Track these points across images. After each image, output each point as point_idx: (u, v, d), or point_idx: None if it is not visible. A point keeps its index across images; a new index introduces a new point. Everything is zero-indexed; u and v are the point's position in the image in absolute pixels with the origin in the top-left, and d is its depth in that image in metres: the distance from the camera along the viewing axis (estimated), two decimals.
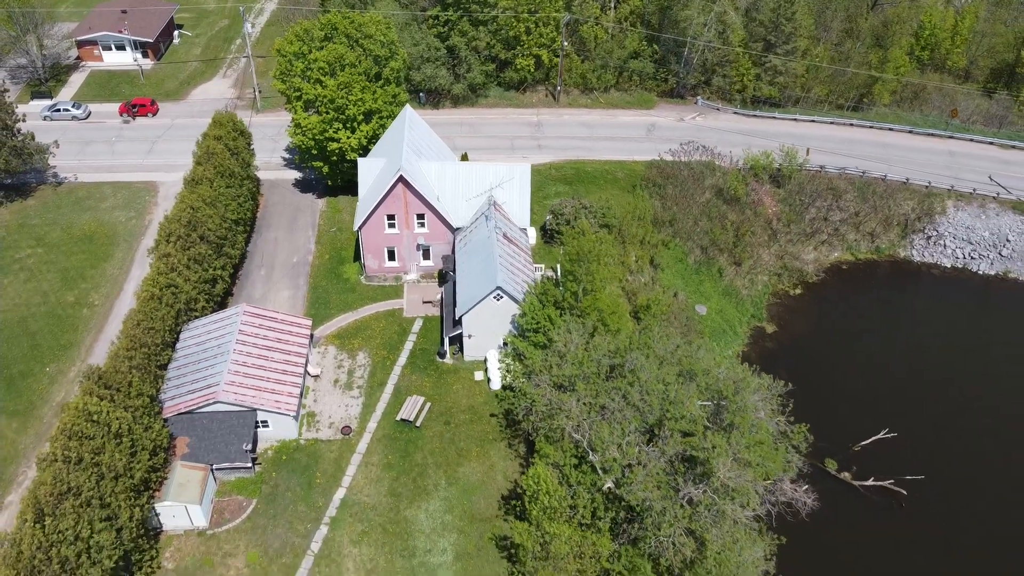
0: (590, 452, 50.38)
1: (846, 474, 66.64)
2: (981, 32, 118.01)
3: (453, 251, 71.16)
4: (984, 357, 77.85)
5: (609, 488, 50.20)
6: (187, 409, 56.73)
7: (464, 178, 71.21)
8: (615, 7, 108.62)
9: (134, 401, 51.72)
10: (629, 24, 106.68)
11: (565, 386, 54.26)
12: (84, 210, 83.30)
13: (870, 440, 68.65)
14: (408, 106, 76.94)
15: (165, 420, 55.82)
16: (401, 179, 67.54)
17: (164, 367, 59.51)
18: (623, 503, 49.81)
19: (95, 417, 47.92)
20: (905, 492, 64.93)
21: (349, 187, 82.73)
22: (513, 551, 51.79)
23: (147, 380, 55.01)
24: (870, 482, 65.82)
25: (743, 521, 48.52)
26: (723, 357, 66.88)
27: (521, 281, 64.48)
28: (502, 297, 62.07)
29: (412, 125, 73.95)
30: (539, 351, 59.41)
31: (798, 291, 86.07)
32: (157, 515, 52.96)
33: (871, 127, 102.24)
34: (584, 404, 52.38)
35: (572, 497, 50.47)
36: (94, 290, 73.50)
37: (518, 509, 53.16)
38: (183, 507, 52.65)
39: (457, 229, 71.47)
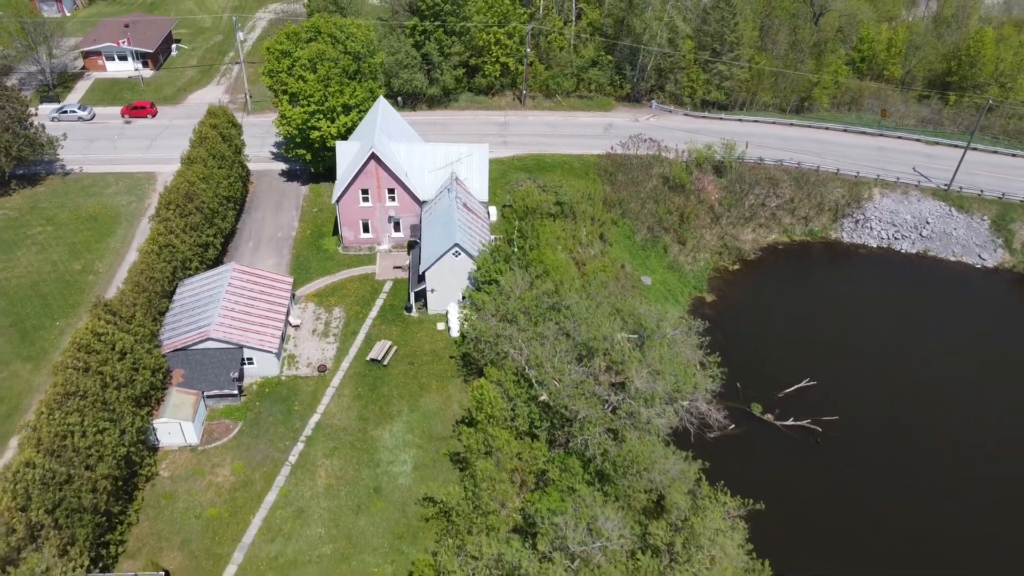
0: (527, 368, 58.79)
1: (769, 416, 74.76)
2: (915, 45, 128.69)
3: (420, 222, 79.99)
4: (901, 322, 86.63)
5: (544, 401, 58.49)
6: (182, 346, 65.01)
7: (430, 156, 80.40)
8: (576, 20, 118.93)
9: (137, 330, 60.01)
10: (588, 35, 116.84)
11: (509, 319, 62.81)
12: (89, 195, 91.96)
13: (793, 388, 76.88)
14: (382, 97, 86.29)
15: (163, 356, 63.98)
16: (373, 156, 76.61)
17: (162, 313, 67.88)
18: (556, 414, 58.05)
19: (102, 337, 56.14)
20: (820, 429, 73.09)
21: (329, 174, 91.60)
22: (463, 459, 59.87)
23: (148, 318, 63.47)
24: (790, 422, 73.99)
25: (657, 424, 56.79)
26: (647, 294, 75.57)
27: (478, 242, 73.29)
28: (460, 254, 70.83)
29: (384, 113, 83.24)
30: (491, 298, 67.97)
31: (737, 267, 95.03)
32: (155, 432, 60.94)
33: (808, 126, 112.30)
34: (524, 332, 60.86)
35: (512, 410, 58.73)
36: (99, 260, 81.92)
37: (467, 420, 61.39)
38: (178, 424, 60.72)
39: (424, 202, 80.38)
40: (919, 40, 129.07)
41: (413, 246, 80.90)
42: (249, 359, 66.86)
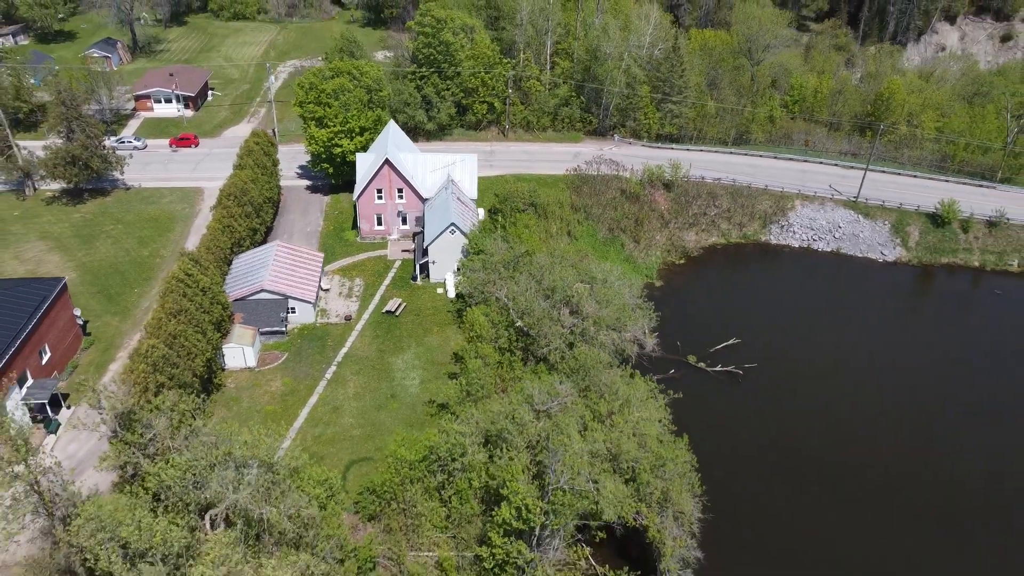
0: (507, 301, 78.44)
1: (701, 363, 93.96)
2: (839, 91, 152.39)
3: (423, 215, 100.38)
4: (814, 301, 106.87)
5: (520, 326, 77.96)
6: (241, 296, 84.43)
7: (430, 163, 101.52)
8: (551, 68, 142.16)
9: (212, 275, 79.54)
10: (561, 80, 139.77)
11: (492, 270, 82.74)
12: (150, 204, 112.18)
13: (722, 345, 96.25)
14: (392, 120, 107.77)
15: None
16: (387, 162, 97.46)
17: (224, 275, 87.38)
18: (528, 336, 77.42)
19: (190, 276, 75.64)
20: (742, 372, 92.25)
21: (347, 186, 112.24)
22: (459, 373, 78.76)
23: (218, 271, 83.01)
24: (718, 368, 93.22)
25: (603, 340, 76.15)
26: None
27: (468, 225, 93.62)
28: (455, 231, 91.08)
29: (394, 132, 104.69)
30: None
31: (682, 261, 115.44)
32: (223, 356, 79.79)
33: (745, 154, 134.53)
34: (503, 279, 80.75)
35: (496, 332, 78.09)
36: (163, 248, 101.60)
37: (463, 341, 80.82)
38: (240, 349, 79.69)
39: (426, 200, 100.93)
40: (845, 88, 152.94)
41: (417, 235, 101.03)
42: (292, 308, 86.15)
